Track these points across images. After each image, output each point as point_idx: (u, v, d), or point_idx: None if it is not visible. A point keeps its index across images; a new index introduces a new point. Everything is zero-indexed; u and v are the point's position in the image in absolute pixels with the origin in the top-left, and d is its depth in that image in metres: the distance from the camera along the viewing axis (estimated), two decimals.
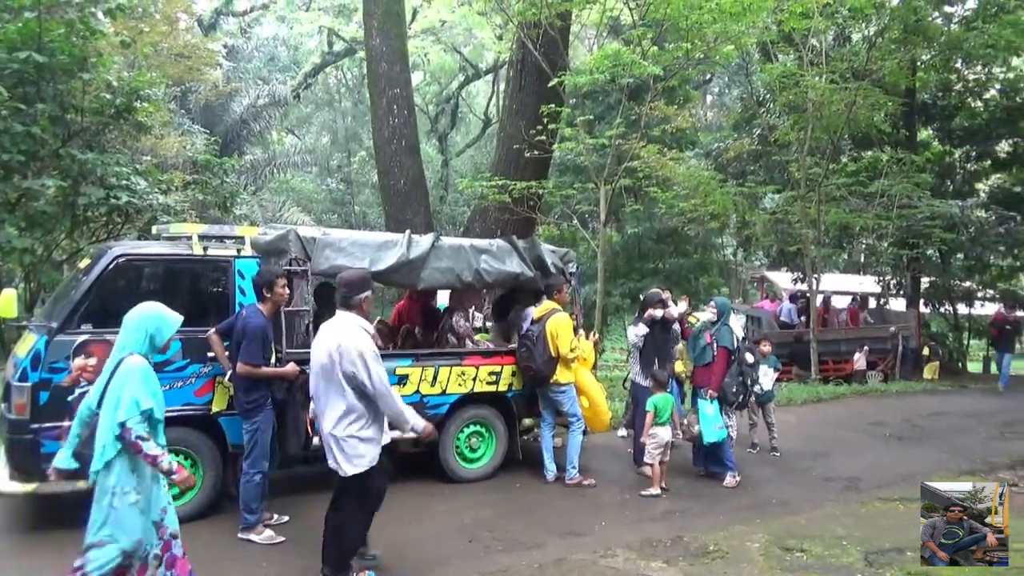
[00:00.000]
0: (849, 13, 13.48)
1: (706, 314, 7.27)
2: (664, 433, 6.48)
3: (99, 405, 3.47)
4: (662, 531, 5.44)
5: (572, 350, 6.51)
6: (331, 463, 4.14)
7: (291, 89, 23.64)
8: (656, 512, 5.97)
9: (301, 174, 27.80)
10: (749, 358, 7.14)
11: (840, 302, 17.86)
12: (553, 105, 10.89)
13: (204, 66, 17.46)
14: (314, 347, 4.25)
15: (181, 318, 3.74)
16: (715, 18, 10.27)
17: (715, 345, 6.78)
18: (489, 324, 8.38)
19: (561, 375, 6.52)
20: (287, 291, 5.33)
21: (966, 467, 7.72)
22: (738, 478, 6.77)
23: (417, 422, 4.16)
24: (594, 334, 7.99)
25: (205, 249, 5.52)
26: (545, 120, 10.92)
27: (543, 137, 11.06)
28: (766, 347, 8.43)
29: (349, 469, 4.04)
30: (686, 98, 19.66)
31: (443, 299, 7.71)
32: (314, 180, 29.20)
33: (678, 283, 17.44)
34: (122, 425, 3.33)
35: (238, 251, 5.64)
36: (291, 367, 5.24)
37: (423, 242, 6.32)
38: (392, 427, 4.34)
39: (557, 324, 6.52)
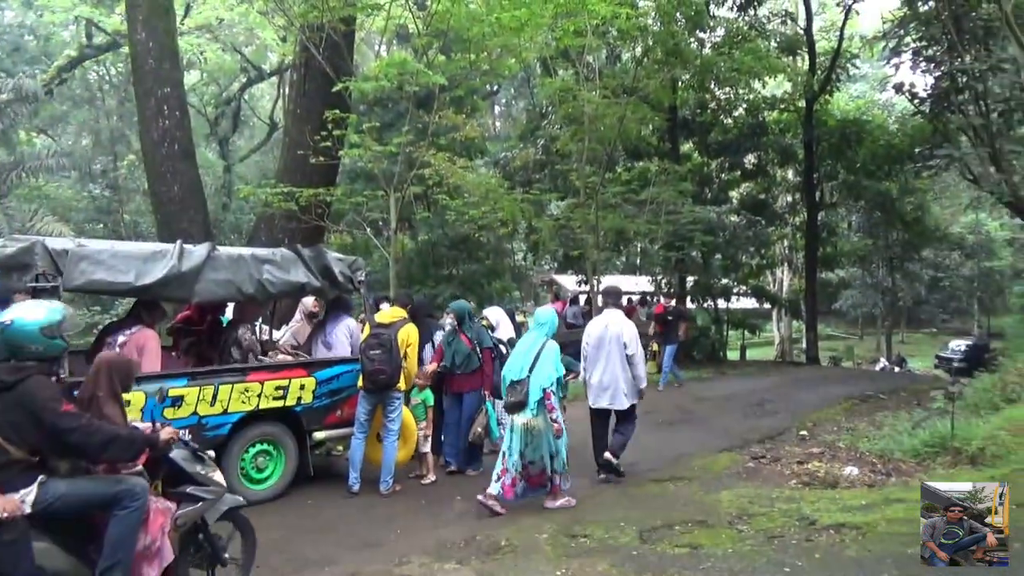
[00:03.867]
0: (618, 34, 14.58)
1: (447, 320, 7.41)
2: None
3: (531, 371, 5.89)
4: (456, 533, 5.52)
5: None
6: (611, 402, 6.73)
7: (42, 83, 21.05)
8: (451, 515, 6.05)
9: (57, 179, 24.78)
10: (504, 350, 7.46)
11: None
12: (338, 111, 10.66)
13: None
14: (593, 329, 6.88)
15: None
16: (496, 32, 10.67)
17: (479, 348, 7.10)
18: (278, 335, 8.03)
19: (401, 383, 6.57)
20: None
21: (725, 444, 8.63)
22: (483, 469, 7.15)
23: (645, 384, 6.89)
24: None
25: None
26: (330, 126, 10.66)
27: (329, 143, 10.77)
28: None
29: (627, 403, 6.72)
30: (474, 108, 20.17)
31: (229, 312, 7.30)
32: (73, 186, 26.09)
33: (471, 288, 17.78)
34: (555, 383, 5.97)
35: None
36: None
37: (197, 252, 5.95)
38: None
39: (411, 333, 6.74)
